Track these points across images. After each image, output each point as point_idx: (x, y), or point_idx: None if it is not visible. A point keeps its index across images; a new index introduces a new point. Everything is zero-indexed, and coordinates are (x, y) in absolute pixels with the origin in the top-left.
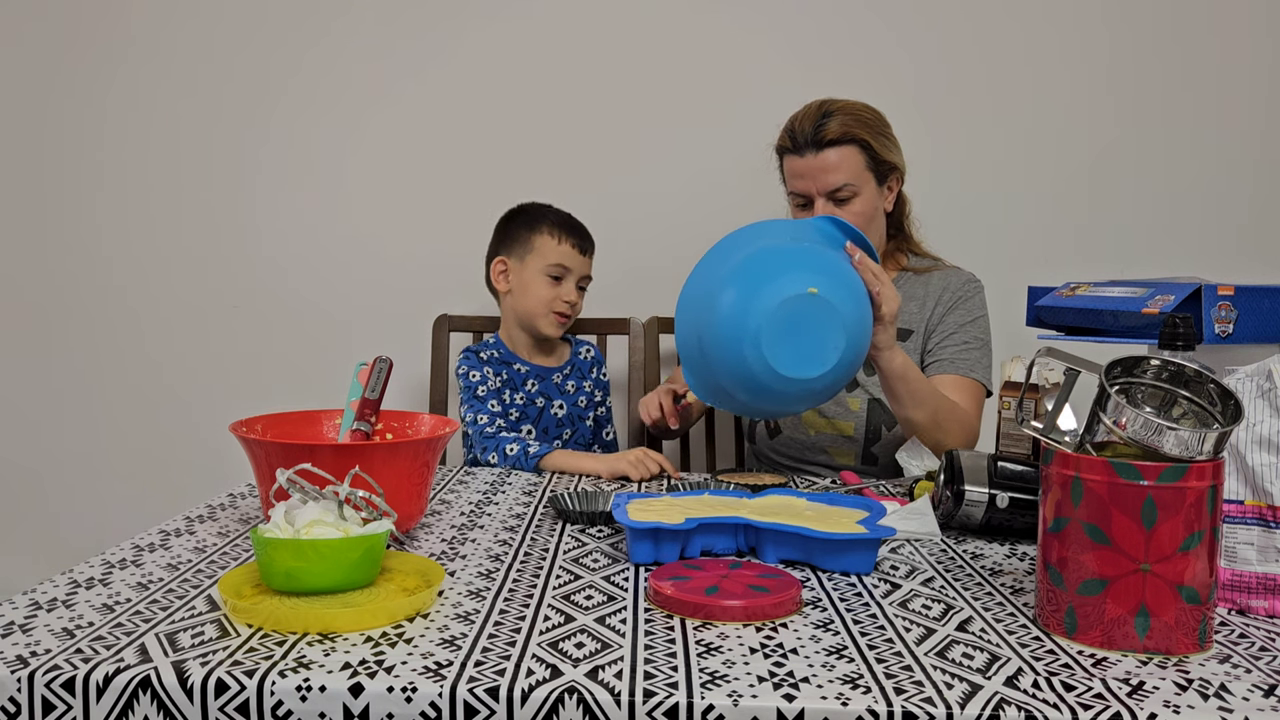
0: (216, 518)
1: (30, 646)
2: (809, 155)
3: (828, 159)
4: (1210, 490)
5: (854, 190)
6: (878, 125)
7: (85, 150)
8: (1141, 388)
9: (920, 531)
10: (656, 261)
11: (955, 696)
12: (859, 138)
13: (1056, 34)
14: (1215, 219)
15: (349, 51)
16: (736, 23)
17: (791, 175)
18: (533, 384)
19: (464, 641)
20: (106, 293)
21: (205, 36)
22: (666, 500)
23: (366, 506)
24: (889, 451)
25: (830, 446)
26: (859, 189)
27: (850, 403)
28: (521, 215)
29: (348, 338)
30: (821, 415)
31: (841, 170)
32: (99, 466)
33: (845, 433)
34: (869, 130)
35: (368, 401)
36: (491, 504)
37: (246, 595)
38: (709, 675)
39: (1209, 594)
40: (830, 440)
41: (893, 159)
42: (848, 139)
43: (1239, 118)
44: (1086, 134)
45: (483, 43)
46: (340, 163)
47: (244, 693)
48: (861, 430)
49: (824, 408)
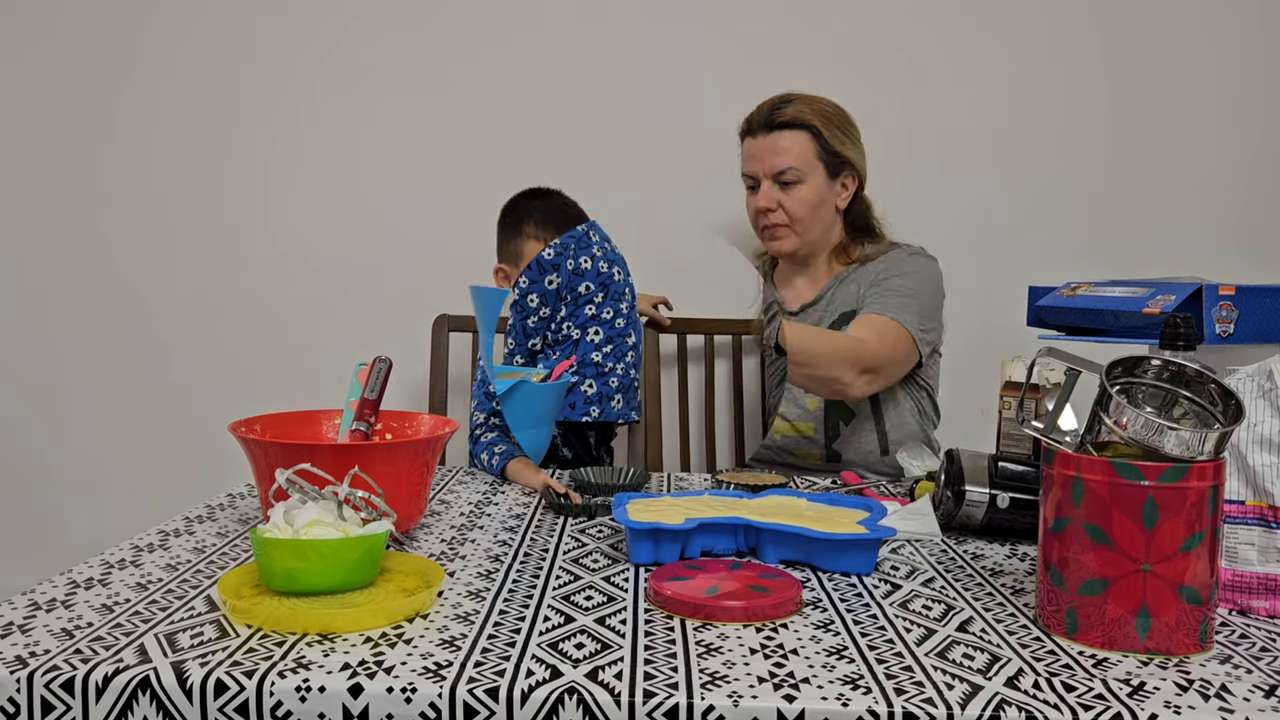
0: (216, 518)
1: (29, 647)
2: (760, 136)
3: (778, 141)
4: (1211, 490)
5: (799, 175)
6: (836, 119)
7: (88, 151)
8: (1142, 388)
9: (921, 532)
10: (657, 261)
11: (956, 697)
12: (811, 124)
13: (1056, 34)
14: (1216, 219)
15: (350, 54)
16: (738, 22)
17: (744, 157)
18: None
19: (464, 642)
20: (106, 293)
21: (211, 39)
22: (667, 500)
23: (366, 507)
24: (851, 447)
25: (795, 449)
26: (804, 175)
27: (808, 403)
28: (508, 217)
29: (348, 338)
30: (784, 419)
31: (789, 154)
32: (99, 466)
33: (806, 433)
34: (823, 120)
35: (367, 401)
36: (491, 504)
37: (246, 596)
38: (709, 676)
39: (1210, 594)
40: (794, 443)
41: (847, 154)
42: (799, 124)
43: (1240, 117)
44: (1087, 134)
45: (483, 43)
46: (341, 163)
47: (243, 693)
48: (821, 429)
49: (785, 410)
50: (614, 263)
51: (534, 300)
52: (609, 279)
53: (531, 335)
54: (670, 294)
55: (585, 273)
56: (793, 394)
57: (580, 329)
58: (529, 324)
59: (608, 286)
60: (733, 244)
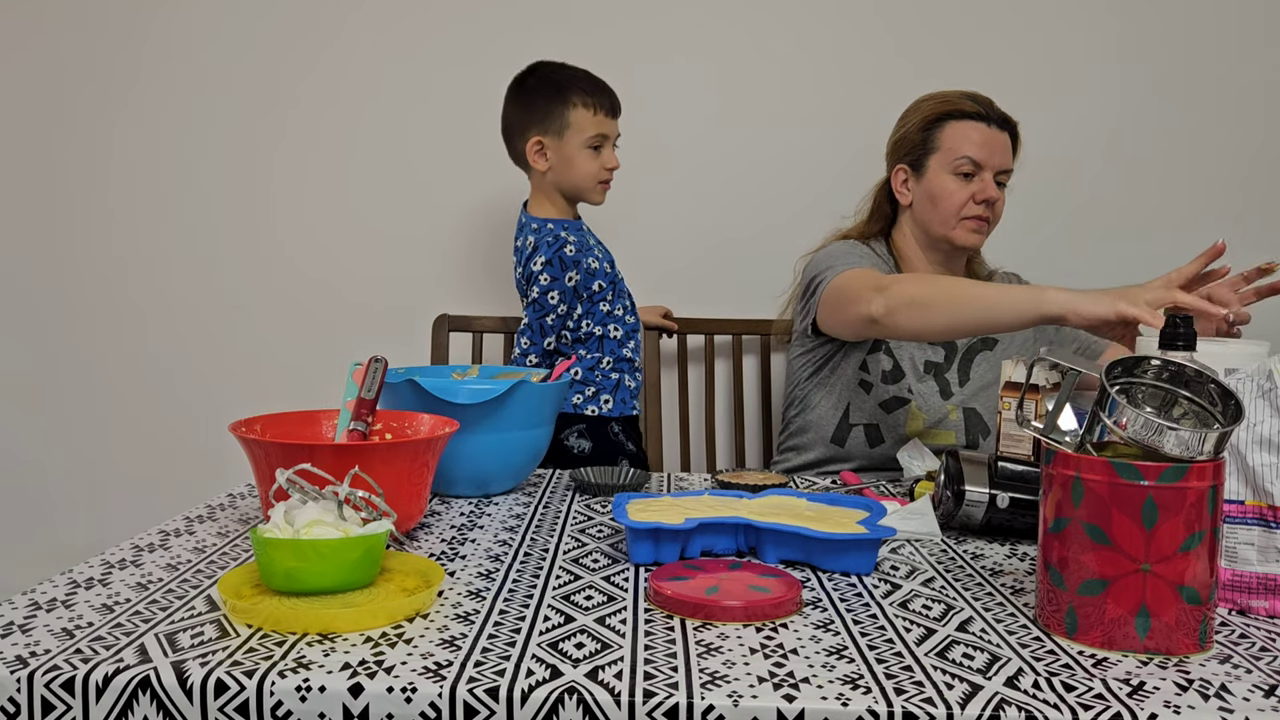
0: (216, 518)
1: (30, 647)
2: (995, 129)
3: (1005, 139)
4: (1211, 490)
5: (1007, 180)
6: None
7: (88, 152)
8: (1142, 388)
9: (920, 532)
10: (657, 261)
11: (955, 697)
12: (1017, 132)
13: (1055, 33)
14: (1216, 219)
15: (350, 53)
16: (739, 23)
17: (969, 140)
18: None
19: (464, 642)
20: (107, 293)
21: (210, 40)
22: (667, 500)
23: (366, 506)
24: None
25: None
26: (1007, 183)
27: (949, 411)
28: (545, 85)
29: (348, 338)
30: (925, 425)
31: (1010, 155)
32: (99, 466)
33: (946, 442)
34: (1018, 134)
35: (364, 401)
36: (492, 504)
37: (246, 595)
38: (709, 675)
39: (1209, 594)
40: (933, 450)
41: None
42: (1014, 130)
43: (1241, 116)
44: (1087, 134)
45: (484, 43)
46: (340, 163)
47: (244, 693)
48: (961, 439)
49: (927, 418)
50: (612, 262)
51: (554, 298)
52: (615, 277)
53: (548, 333)
54: (670, 294)
55: (595, 271)
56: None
57: (600, 325)
58: (547, 322)
59: (615, 284)
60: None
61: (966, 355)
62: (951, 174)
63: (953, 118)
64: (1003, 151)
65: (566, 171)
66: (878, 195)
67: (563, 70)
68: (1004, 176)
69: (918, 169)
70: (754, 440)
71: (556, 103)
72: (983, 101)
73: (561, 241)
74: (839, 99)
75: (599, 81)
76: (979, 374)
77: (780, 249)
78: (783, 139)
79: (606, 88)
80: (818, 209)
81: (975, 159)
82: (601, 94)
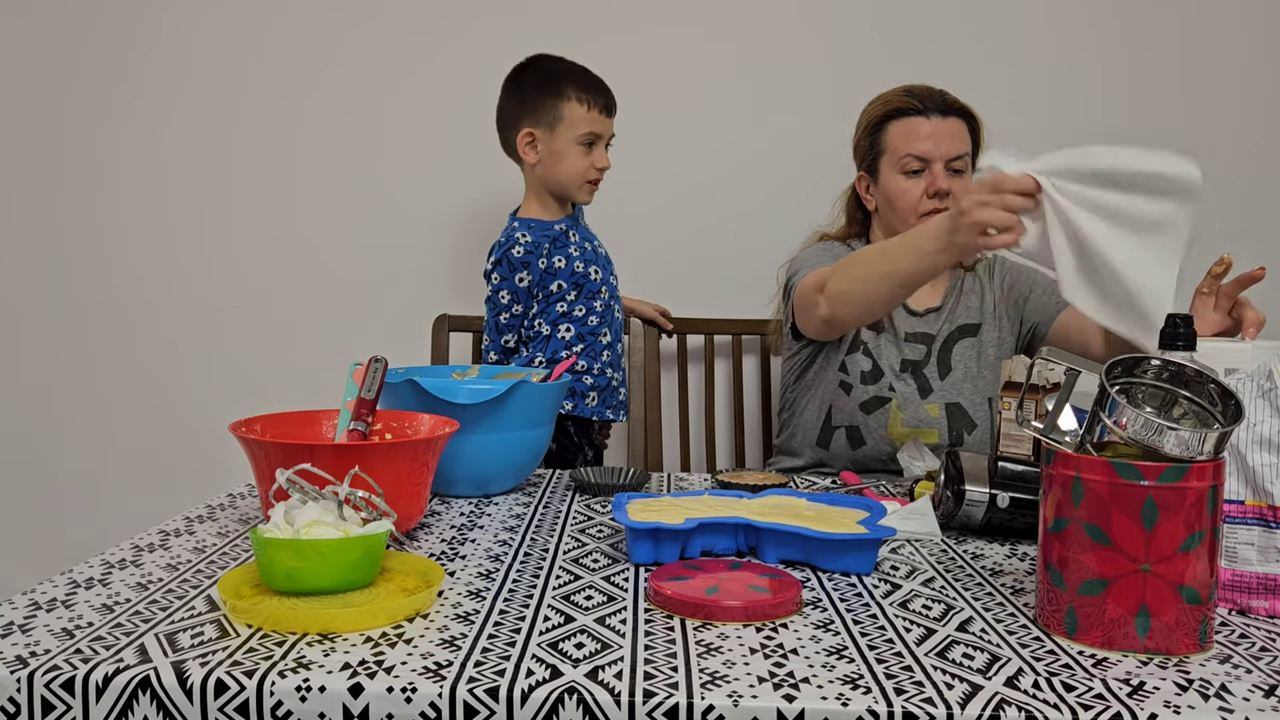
0: (216, 518)
1: (30, 647)
2: (935, 118)
3: (953, 126)
4: (1211, 490)
5: (965, 166)
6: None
7: (88, 153)
8: (1142, 388)
9: (920, 532)
10: (657, 261)
11: (955, 697)
12: (975, 117)
13: (1053, 34)
14: (1215, 218)
15: (350, 53)
16: (738, 18)
17: (911, 136)
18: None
19: (464, 642)
20: (107, 294)
21: (212, 41)
22: (667, 500)
23: (366, 506)
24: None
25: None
26: (965, 168)
27: (929, 409)
28: (540, 78)
29: (348, 338)
30: (904, 426)
31: (962, 140)
32: (99, 466)
33: (929, 440)
34: (976, 119)
35: (363, 401)
36: (491, 504)
37: (246, 595)
38: (709, 675)
39: (1209, 594)
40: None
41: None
42: (968, 114)
43: (1241, 116)
44: (1087, 134)
45: (484, 43)
46: (341, 164)
47: (244, 693)
48: (944, 436)
49: (905, 418)
50: (591, 263)
51: (505, 297)
52: (584, 278)
53: (504, 331)
54: (670, 294)
55: (558, 271)
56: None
57: (550, 325)
58: (501, 320)
59: (581, 285)
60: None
61: (945, 346)
62: (901, 174)
63: (891, 118)
64: (950, 139)
65: (554, 166)
66: (849, 201)
67: (560, 64)
68: (958, 163)
69: (873, 174)
70: (754, 440)
71: (550, 95)
72: (920, 93)
73: (511, 243)
74: (840, 99)
75: (596, 79)
76: (960, 364)
77: (780, 249)
78: (783, 139)
79: (603, 85)
80: (818, 209)
81: (919, 154)
82: (597, 91)
